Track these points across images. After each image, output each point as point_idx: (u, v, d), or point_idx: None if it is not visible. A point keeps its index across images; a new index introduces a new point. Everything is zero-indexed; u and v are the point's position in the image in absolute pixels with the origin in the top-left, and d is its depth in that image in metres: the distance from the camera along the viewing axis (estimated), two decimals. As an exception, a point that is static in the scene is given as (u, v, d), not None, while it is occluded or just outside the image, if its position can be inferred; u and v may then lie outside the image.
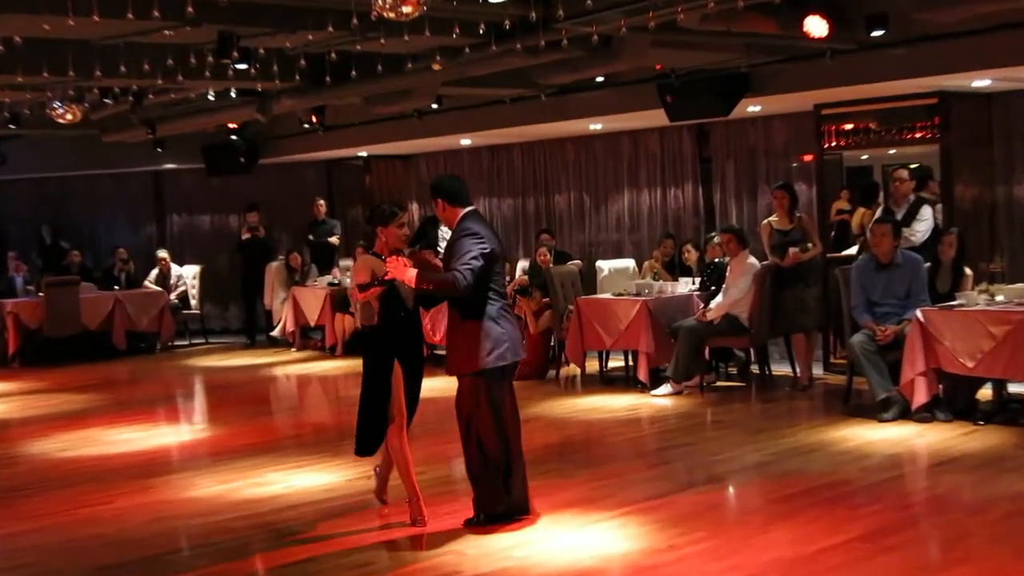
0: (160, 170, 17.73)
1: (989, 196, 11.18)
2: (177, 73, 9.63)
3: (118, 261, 16.25)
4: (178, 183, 18.22)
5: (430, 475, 7.61)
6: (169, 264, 16.41)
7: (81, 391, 12.35)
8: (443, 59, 9.51)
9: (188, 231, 18.48)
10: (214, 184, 17.39)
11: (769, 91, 11.09)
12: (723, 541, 5.83)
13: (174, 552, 6.22)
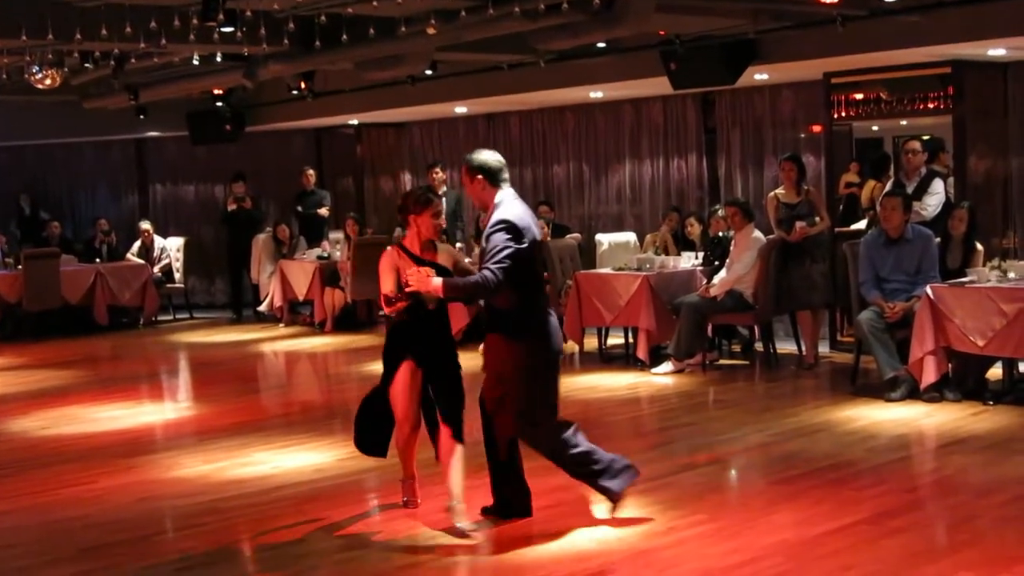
0: (143, 138, 17.69)
1: (1003, 169, 11.20)
2: (160, 36, 9.59)
3: (99, 232, 16.21)
4: (161, 151, 18.17)
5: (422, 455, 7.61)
6: (152, 236, 16.33)
7: (62, 367, 12.36)
8: (438, 22, 9.50)
9: (172, 201, 18.44)
10: (199, 153, 17.34)
11: (777, 59, 11.08)
12: (724, 524, 5.87)
13: (159, 533, 6.26)
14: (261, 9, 9.70)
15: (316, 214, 16.05)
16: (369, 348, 12.84)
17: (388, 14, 9.76)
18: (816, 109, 12.16)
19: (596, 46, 11.32)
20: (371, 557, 5.61)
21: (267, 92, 15.03)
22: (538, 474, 6.96)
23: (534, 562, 5.43)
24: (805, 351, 10.71)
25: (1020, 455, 7.09)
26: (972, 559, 5.19)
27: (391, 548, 5.74)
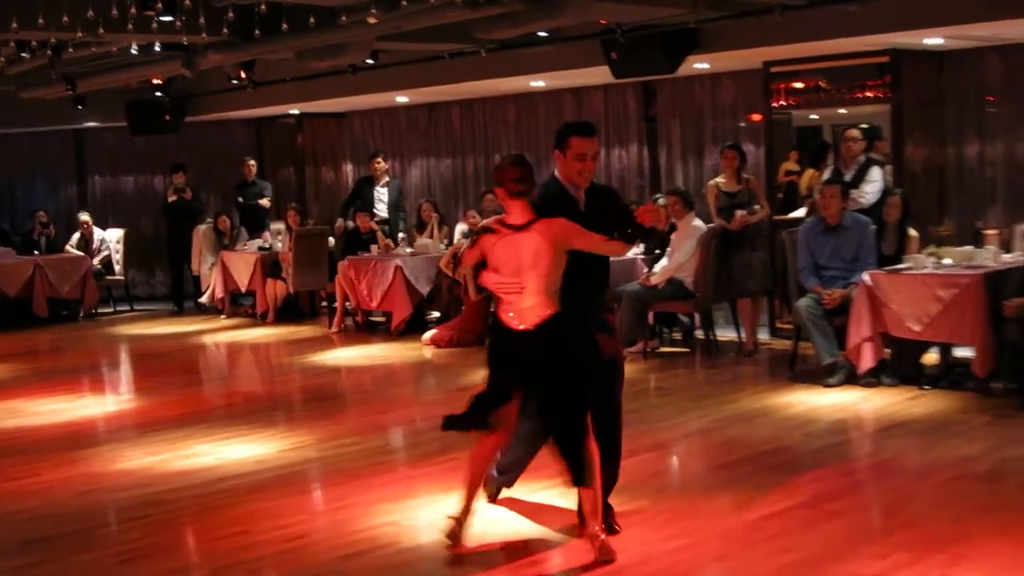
0: (81, 128, 17.46)
1: (940, 158, 11.36)
2: (98, 26, 9.48)
3: (37, 224, 15.99)
4: (100, 142, 17.97)
5: (366, 445, 7.69)
6: (91, 228, 16.17)
7: (1, 361, 12.22)
8: (379, 12, 9.47)
9: (111, 193, 18.25)
10: (138, 143, 17.17)
11: (717, 48, 11.13)
12: (666, 508, 5.95)
13: (104, 526, 6.24)
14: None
15: (257, 205, 15.92)
16: (312, 339, 12.84)
17: (328, 3, 9.72)
18: (756, 98, 12.24)
19: (537, 35, 11.33)
20: (314, 547, 5.62)
21: (207, 82, 14.89)
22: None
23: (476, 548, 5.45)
24: (745, 338, 10.82)
25: (955, 438, 7.21)
26: (909, 540, 5.29)
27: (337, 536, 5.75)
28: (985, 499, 5.98)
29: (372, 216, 13.90)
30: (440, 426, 5.54)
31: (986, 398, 8.20)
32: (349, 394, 10.03)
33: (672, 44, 11.24)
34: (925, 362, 9.06)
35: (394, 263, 12.60)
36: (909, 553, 5.09)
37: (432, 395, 9.72)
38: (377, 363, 11.27)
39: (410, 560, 5.41)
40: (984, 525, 5.47)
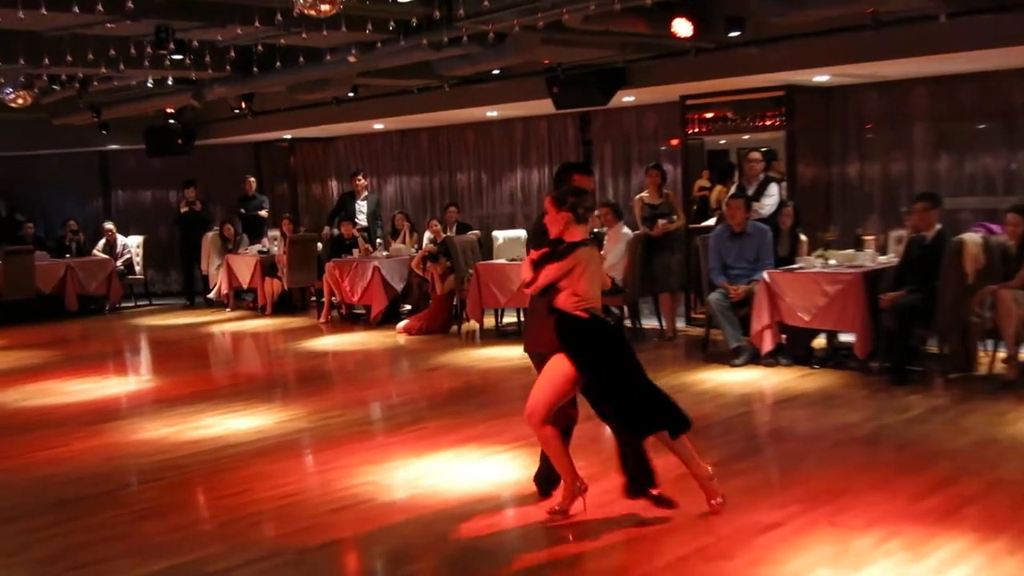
0: (105, 150, 17.26)
1: (826, 175, 11.47)
2: (119, 62, 9.41)
3: (69, 232, 15.84)
4: (122, 162, 17.76)
5: (349, 417, 7.66)
6: (115, 234, 16.02)
7: (37, 348, 12.04)
8: (358, 52, 9.45)
9: (132, 205, 18.05)
10: (155, 163, 16.97)
11: (642, 84, 11.18)
12: (599, 469, 5.90)
13: (125, 487, 6.17)
14: (206, 40, 9.55)
15: (256, 215, 15.81)
16: (303, 328, 12.78)
17: (315, 44, 9.68)
18: (674, 126, 12.28)
19: (492, 73, 11.34)
20: (306, 503, 5.59)
21: (213, 111, 14.78)
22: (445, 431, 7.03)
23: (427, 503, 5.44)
24: (665, 326, 10.89)
25: (839, 408, 7.28)
26: (802, 493, 5.33)
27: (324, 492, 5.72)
28: (864, 459, 6.04)
29: (354, 225, 13.85)
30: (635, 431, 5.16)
31: (865, 376, 8.28)
32: (335, 374, 9.97)
33: (604, 81, 11.27)
34: (814, 346, 9.12)
35: (372, 264, 12.58)
36: (802, 504, 5.14)
37: (405, 375, 9.68)
38: (358, 348, 11.23)
39: (388, 512, 5.38)
40: (864, 480, 5.52)
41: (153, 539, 5.10)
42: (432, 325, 11.79)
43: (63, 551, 4.99)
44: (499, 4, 7.66)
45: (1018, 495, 5.22)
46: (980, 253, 7.86)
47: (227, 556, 4.81)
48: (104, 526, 5.34)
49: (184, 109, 14.58)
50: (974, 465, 5.72)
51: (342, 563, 4.76)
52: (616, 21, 8.66)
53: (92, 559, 4.86)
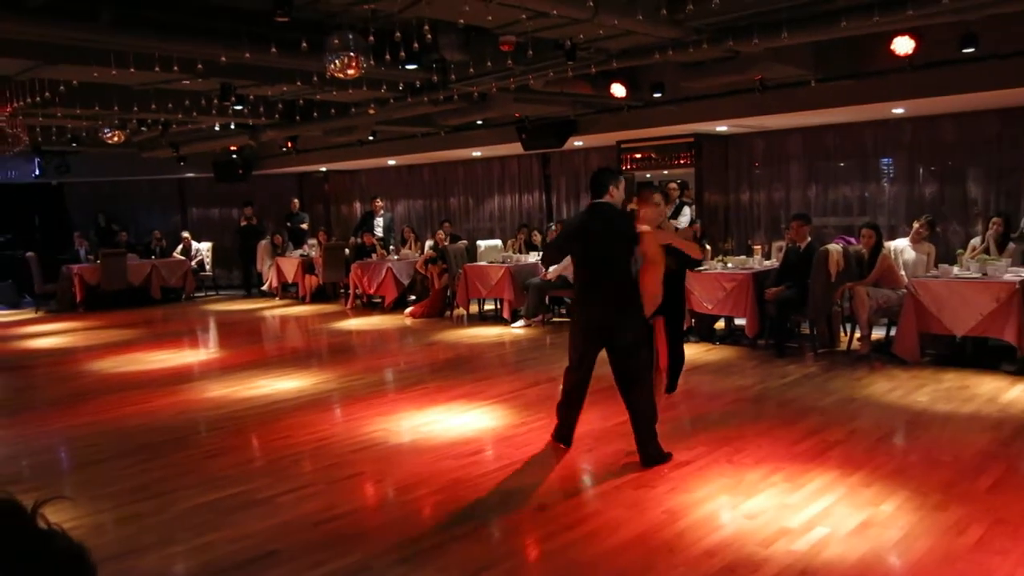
0: (183, 178, 17.04)
1: (725, 201, 11.49)
2: (192, 111, 9.25)
3: (154, 239, 15.63)
4: (196, 186, 17.55)
5: (368, 380, 7.55)
6: (190, 241, 15.84)
7: (127, 328, 11.83)
8: (376, 106, 9.34)
9: (203, 219, 17.83)
10: (221, 188, 16.81)
11: (588, 132, 11.18)
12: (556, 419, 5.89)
13: (195, 433, 6.03)
14: (260, 95, 9.41)
15: (299, 228, 15.76)
16: (334, 313, 12.63)
17: (344, 100, 9.57)
18: (612, 163, 12.26)
19: (476, 122, 11.28)
20: (334, 445, 5.48)
21: (266, 148, 14.63)
22: (440, 390, 6.93)
23: (427, 445, 5.35)
24: (606, 312, 10.83)
25: (735, 375, 7.25)
26: (707, 439, 5.30)
27: (348, 437, 5.62)
28: (754, 413, 5.99)
29: (373, 236, 13.73)
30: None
31: (754, 350, 8.26)
32: (357, 347, 9.83)
33: (560, 129, 11.25)
34: (716, 327, 9.11)
35: (386, 265, 12.48)
36: (707, 447, 5.10)
37: (411, 348, 9.56)
38: (375, 328, 11.10)
39: (396, 452, 5.29)
40: (753, 429, 5.47)
41: (216, 474, 4.97)
42: (431, 311, 11.69)
43: (144, 484, 4.85)
44: (481, 71, 7.59)
45: (871, 441, 5.18)
46: (840, 259, 7.85)
47: (273, 486, 4.69)
48: (176, 464, 5.21)
49: (244, 147, 14.42)
50: (837, 418, 5.69)
51: (362, 490, 4.65)
52: (568, 84, 8.64)
53: (167, 489, 4.73)
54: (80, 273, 14.03)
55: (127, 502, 4.55)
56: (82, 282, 14.00)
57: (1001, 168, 9.18)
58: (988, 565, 3.40)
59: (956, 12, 5.72)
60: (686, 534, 3.80)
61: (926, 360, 7.38)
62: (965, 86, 7.77)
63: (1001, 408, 5.82)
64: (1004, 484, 4.34)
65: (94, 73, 7.26)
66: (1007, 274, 7.16)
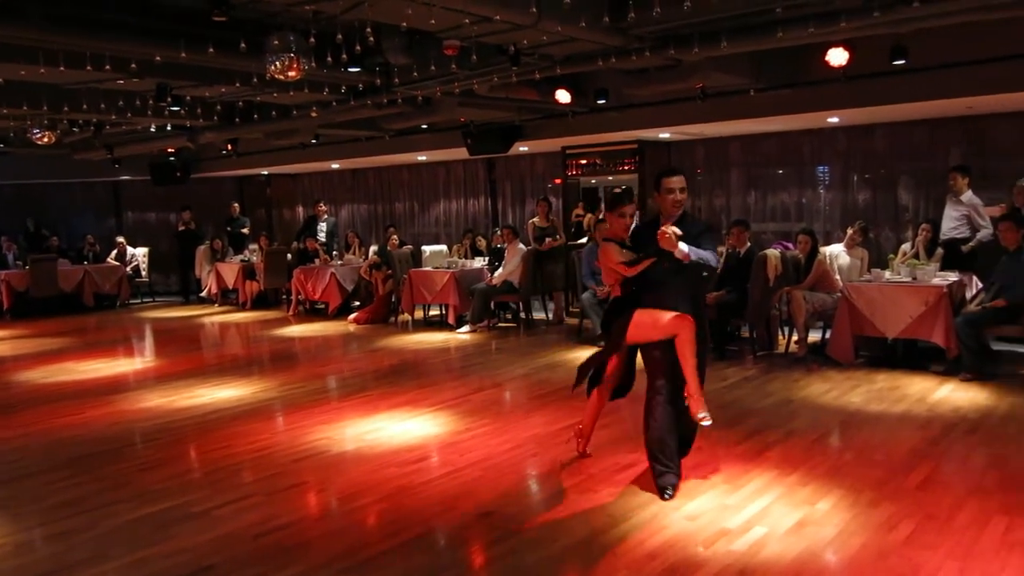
0: (118, 180, 16.60)
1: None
2: (127, 111, 9.02)
3: (87, 244, 15.19)
4: (132, 189, 17.09)
5: (310, 387, 7.45)
6: (125, 246, 15.41)
7: (58, 336, 11.46)
8: (318, 109, 9.24)
9: (139, 223, 17.37)
10: (158, 191, 16.40)
11: (533, 137, 11.23)
12: (500, 425, 5.90)
13: (129, 445, 5.85)
14: (198, 96, 9.21)
15: (240, 232, 15.51)
16: (276, 319, 12.44)
17: (285, 103, 9.44)
18: (557, 169, 12.36)
19: (421, 127, 11.24)
20: (275, 455, 5.40)
21: (205, 151, 14.34)
22: (384, 397, 6.88)
23: (370, 452, 5.31)
24: (552, 317, 10.90)
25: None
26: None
27: (289, 446, 5.54)
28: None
29: (316, 240, 13.57)
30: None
31: (695, 353, 8.37)
32: (300, 355, 9.70)
33: (505, 135, 11.28)
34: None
35: (330, 270, 12.35)
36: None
37: (355, 355, 9.46)
38: (318, 334, 10.96)
39: (340, 460, 5.23)
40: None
41: (151, 487, 4.84)
42: (375, 317, 11.60)
43: (75, 499, 4.70)
44: (426, 75, 7.57)
45: (808, 441, 5.31)
46: (778, 263, 8.02)
47: (211, 498, 4.59)
48: (109, 477, 5.06)
49: (181, 149, 14.11)
50: (775, 420, 5.80)
51: (304, 500, 4.59)
52: (513, 90, 8.67)
53: (99, 504, 4.59)
54: (7, 279, 13.57)
55: (57, 518, 4.40)
56: (9, 288, 13.54)
57: (930, 176, 9.51)
58: (917, 560, 3.51)
59: (887, 25, 5.92)
60: (628, 537, 3.85)
61: (860, 362, 7.59)
62: (896, 97, 8.04)
63: (930, 407, 6.02)
64: (933, 481, 4.49)
65: (21, 71, 7.03)
66: (935, 278, 7.43)
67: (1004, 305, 6.80)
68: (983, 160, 9.23)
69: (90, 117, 9.64)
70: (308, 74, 6.20)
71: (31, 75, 7.18)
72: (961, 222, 8.37)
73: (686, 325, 4.38)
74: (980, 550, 3.58)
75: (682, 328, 4.38)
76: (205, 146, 13.10)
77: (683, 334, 4.39)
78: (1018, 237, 6.87)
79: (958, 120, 9.28)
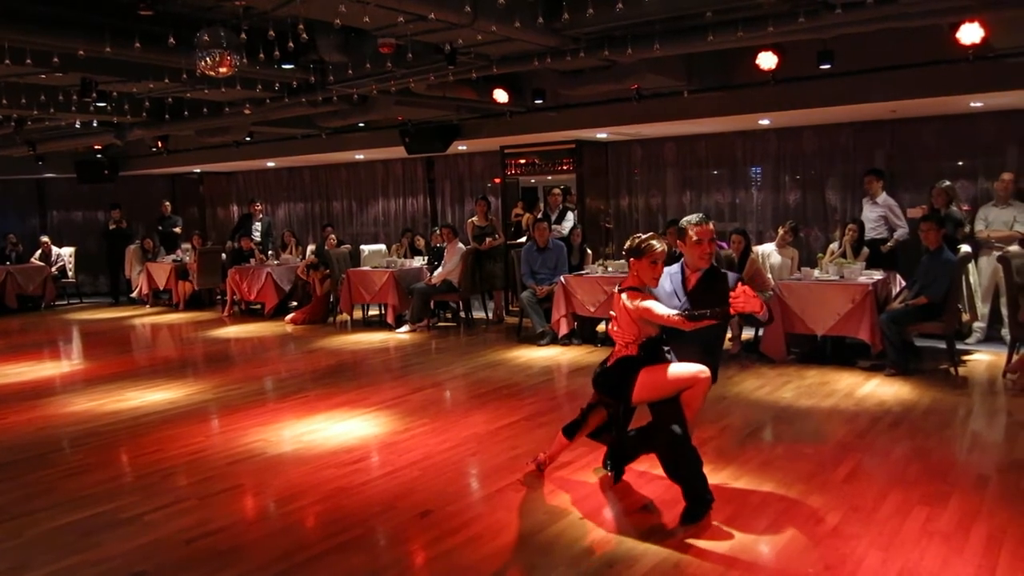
0: (42, 178, 15.99)
1: (606, 206, 11.78)
2: (49, 107, 8.69)
3: (9, 244, 14.59)
4: (57, 188, 16.50)
5: (245, 389, 7.33)
6: (50, 246, 14.86)
7: (-19, 338, 11.03)
8: (252, 106, 9.06)
9: (65, 222, 16.78)
10: (84, 189, 15.88)
11: (472, 136, 11.22)
12: (440, 424, 5.90)
13: (56, 451, 5.66)
14: (125, 91, 8.94)
15: (171, 232, 15.15)
16: (210, 320, 12.17)
17: (217, 99, 9.24)
18: (496, 168, 12.38)
19: (358, 125, 11.12)
20: (210, 458, 5.29)
21: (135, 148, 13.93)
22: (322, 398, 6.79)
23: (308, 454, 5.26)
24: (491, 316, 10.92)
25: (614, 375, 7.42)
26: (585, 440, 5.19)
27: (224, 450, 5.43)
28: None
29: (251, 240, 13.32)
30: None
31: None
32: (235, 356, 9.51)
33: (444, 134, 11.24)
34: (598, 330, 9.31)
35: (266, 270, 12.15)
36: (587, 447, 5.13)
37: (292, 356, 9.33)
38: (254, 335, 10.77)
39: (277, 462, 5.15)
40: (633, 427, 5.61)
41: (78, 492, 4.70)
42: (313, 317, 11.45)
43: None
44: (361, 73, 7.49)
45: (741, 436, 5.44)
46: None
47: (142, 503, 4.48)
48: (35, 484, 4.90)
49: (109, 146, 13.70)
50: (709, 415, 5.89)
51: (240, 503, 4.51)
52: (451, 89, 8.65)
53: (23, 511, 4.43)
54: (-77, 282, 12.99)
55: (-22, 527, 4.25)
56: (-74, 290, 12.98)
57: (856, 177, 9.82)
58: (843, 549, 3.64)
59: (812, 31, 6.09)
60: (566, 533, 3.89)
61: (791, 358, 7.80)
62: (822, 100, 8.29)
63: (857, 402, 6.23)
64: (858, 473, 4.65)
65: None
66: (861, 277, 7.68)
67: (925, 303, 7.07)
68: (906, 162, 9.59)
69: (10, 113, 9.27)
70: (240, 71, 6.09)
71: (-55, 69, 6.89)
72: (879, 223, 8.74)
73: (703, 380, 4.10)
74: (902, 539, 3.73)
75: (698, 382, 4.10)
76: (134, 143, 12.72)
77: (697, 388, 4.12)
78: (938, 237, 7.15)
79: (883, 123, 9.61)
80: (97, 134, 11.48)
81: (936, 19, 5.96)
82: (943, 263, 7.07)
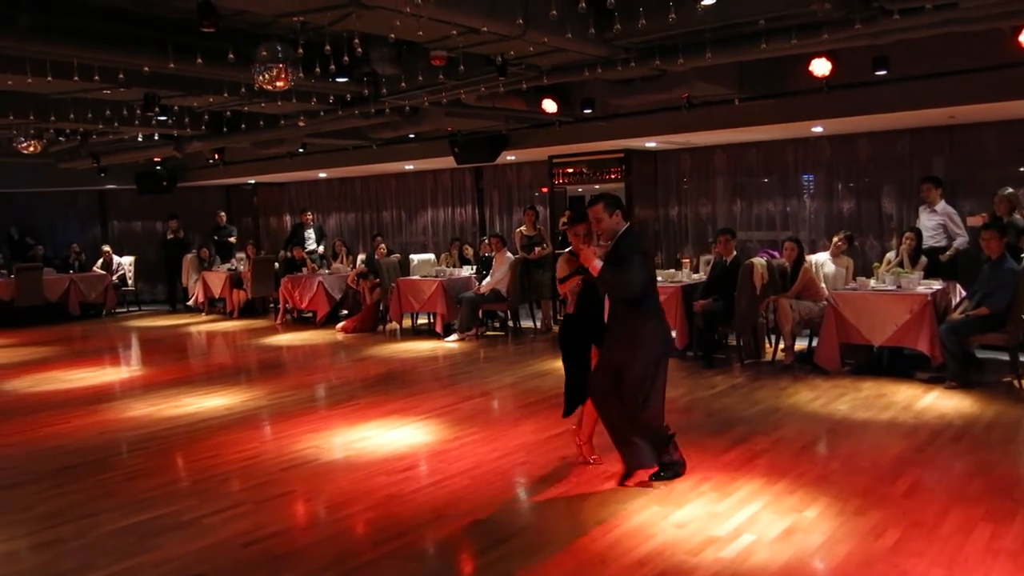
0: (104, 189, 16.48)
1: (654, 215, 11.70)
2: (114, 121, 8.97)
3: (73, 253, 15.06)
4: (117, 199, 16.98)
5: (299, 396, 7.43)
6: (111, 255, 15.30)
7: (44, 345, 11.38)
8: (306, 119, 9.23)
9: (125, 232, 17.25)
10: (144, 200, 16.32)
11: (520, 146, 11.25)
12: (489, 433, 5.90)
13: (115, 455, 5.81)
14: (185, 105, 9.18)
15: (227, 241, 15.41)
16: (263, 328, 12.39)
17: (273, 112, 9.43)
18: (544, 178, 12.38)
19: (408, 136, 11.24)
20: (264, 463, 5.38)
21: (192, 160, 14.29)
22: (373, 405, 6.86)
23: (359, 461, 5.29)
24: (540, 326, 10.90)
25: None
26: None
27: (278, 455, 5.51)
28: (683, 423, 6.04)
29: (303, 249, 13.54)
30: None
31: (684, 361, 8.39)
32: (288, 363, 9.66)
33: (492, 144, 11.30)
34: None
35: (318, 279, 12.33)
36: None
37: (343, 364, 9.44)
38: (306, 343, 10.93)
39: (328, 469, 5.21)
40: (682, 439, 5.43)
41: (139, 496, 4.81)
42: (363, 326, 11.58)
43: (63, 508, 4.67)
44: (413, 85, 7.58)
45: (795, 449, 5.33)
46: (765, 272, 8.07)
47: (199, 507, 4.57)
48: (97, 486, 5.03)
49: (168, 158, 14.06)
50: (762, 427, 5.83)
51: (293, 508, 4.57)
52: (501, 100, 8.69)
53: (86, 513, 4.56)
54: (-9, 288, 13.47)
55: (44, 527, 4.37)
56: (-6, 298, 13.45)
57: (913, 185, 9.60)
58: (904, 567, 3.54)
59: (868, 36, 5.99)
60: (617, 545, 3.85)
61: (846, 369, 7.64)
62: (878, 106, 8.12)
63: (916, 415, 6.07)
64: (919, 488, 4.52)
65: (8, 81, 6.99)
66: (920, 286, 7.49)
67: (987, 313, 6.87)
68: (966, 169, 9.33)
69: (77, 127, 9.58)
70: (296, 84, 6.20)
71: (18, 84, 7.14)
72: (937, 231, 8.50)
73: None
74: (965, 557, 3.61)
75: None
76: (192, 155, 13.05)
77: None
78: (1000, 245, 6.94)
79: (941, 129, 9.38)
80: (158, 147, 11.81)
81: (997, 23, 5.81)
82: (1006, 272, 6.85)
